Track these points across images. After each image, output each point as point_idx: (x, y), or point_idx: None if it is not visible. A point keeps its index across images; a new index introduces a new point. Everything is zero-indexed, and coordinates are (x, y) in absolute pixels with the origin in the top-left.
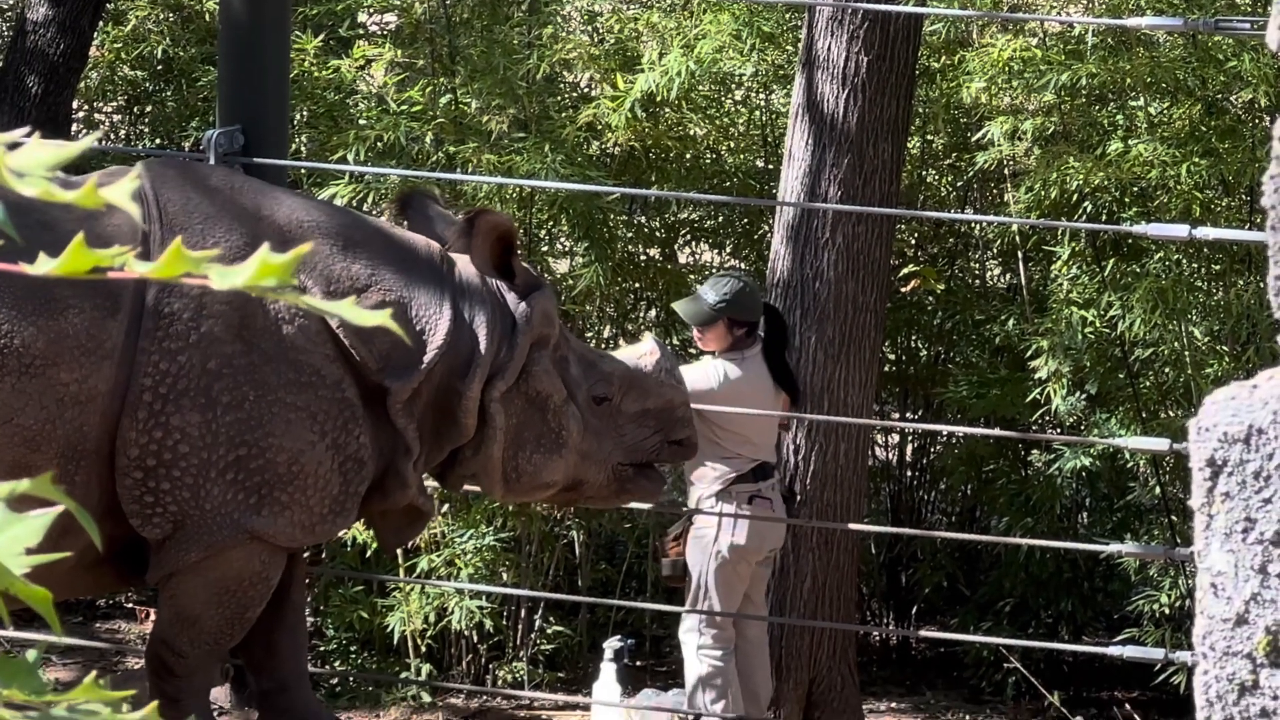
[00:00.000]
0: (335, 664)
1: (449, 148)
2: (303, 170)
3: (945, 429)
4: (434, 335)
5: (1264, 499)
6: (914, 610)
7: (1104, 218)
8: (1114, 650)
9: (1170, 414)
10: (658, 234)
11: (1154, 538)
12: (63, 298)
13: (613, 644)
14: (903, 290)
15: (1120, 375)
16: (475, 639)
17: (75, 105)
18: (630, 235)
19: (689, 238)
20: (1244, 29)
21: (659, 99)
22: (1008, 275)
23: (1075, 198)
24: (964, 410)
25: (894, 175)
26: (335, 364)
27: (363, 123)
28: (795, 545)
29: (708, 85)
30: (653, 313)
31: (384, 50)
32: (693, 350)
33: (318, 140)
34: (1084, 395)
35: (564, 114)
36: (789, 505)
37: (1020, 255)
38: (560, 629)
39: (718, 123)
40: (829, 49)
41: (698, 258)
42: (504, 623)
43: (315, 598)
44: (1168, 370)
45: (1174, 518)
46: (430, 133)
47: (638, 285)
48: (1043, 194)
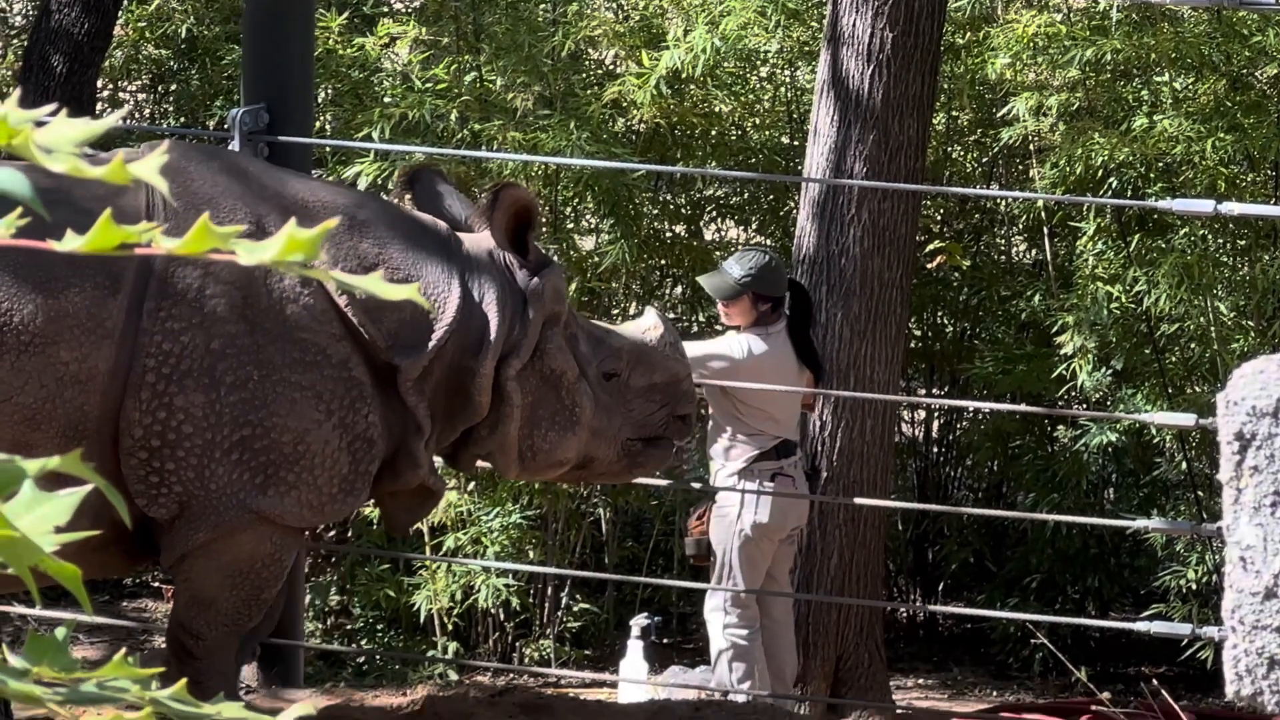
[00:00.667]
0: (362, 642)
1: (474, 125)
2: (327, 148)
3: (971, 405)
4: (443, 313)
5: None
6: (940, 587)
7: (1129, 193)
8: (1141, 626)
9: (1196, 389)
10: (683, 211)
11: (1180, 513)
12: (63, 276)
13: (639, 621)
14: (928, 266)
15: (1146, 351)
16: (502, 617)
17: (100, 84)
18: (656, 212)
19: (714, 214)
20: (1269, 4)
21: (684, 76)
22: (1033, 251)
23: (1100, 173)
24: (990, 386)
25: (919, 151)
26: (342, 343)
27: (387, 100)
28: (822, 522)
29: (733, 62)
30: (679, 289)
31: (408, 28)
32: (718, 326)
33: (342, 118)
34: (1110, 371)
35: (589, 91)
36: (812, 483)
37: (1046, 231)
38: (587, 607)
39: (743, 99)
40: (854, 25)
41: (723, 234)
42: (530, 600)
43: (342, 577)
44: (1193, 345)
45: (1200, 493)
46: (455, 110)
47: (663, 262)
48: (1068, 170)
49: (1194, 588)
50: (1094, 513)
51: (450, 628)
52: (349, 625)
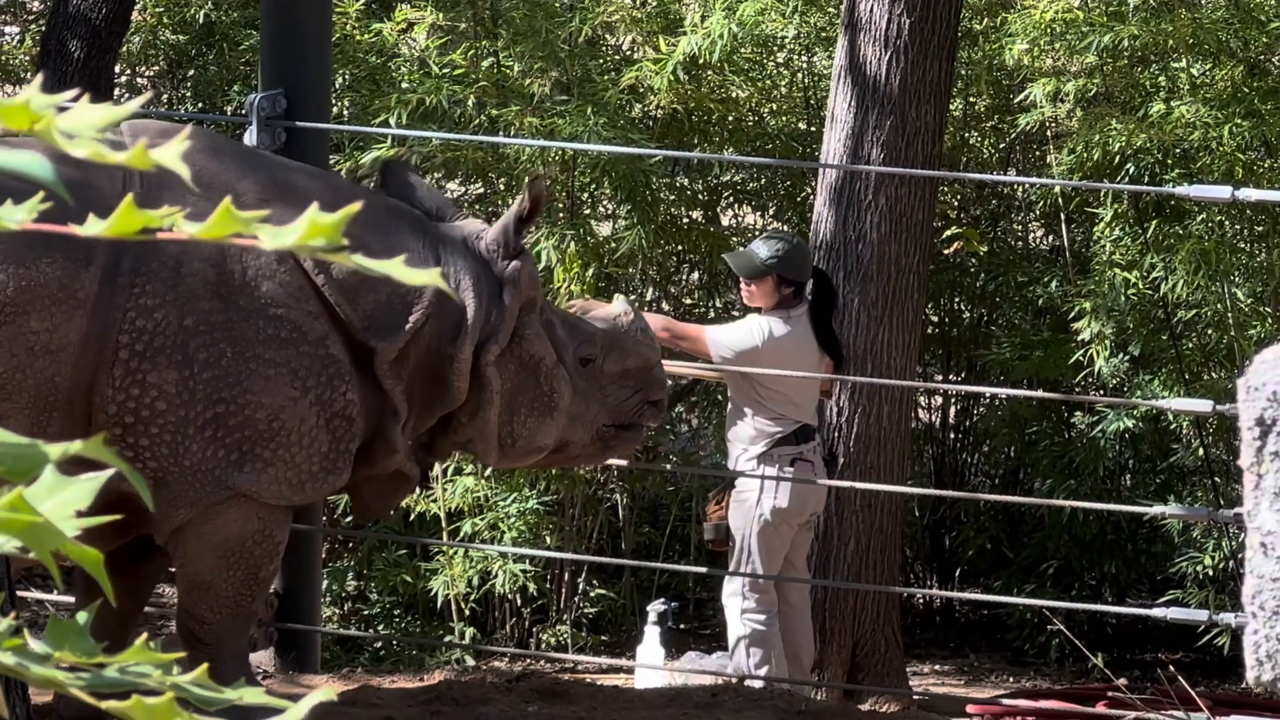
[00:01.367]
0: (379, 628)
1: (491, 111)
2: (345, 134)
3: (988, 391)
4: (419, 296)
5: None
6: (957, 573)
7: (1146, 179)
8: (1158, 612)
9: (1213, 375)
10: (700, 197)
11: (1197, 499)
12: (35, 246)
13: (656, 607)
14: (945, 252)
15: (1163, 337)
16: (519, 602)
17: (117, 70)
18: (673, 198)
19: (731, 200)
20: None
21: (701, 62)
22: (1050, 237)
23: (1118, 159)
24: (1007, 372)
25: (936, 137)
26: (319, 320)
27: (405, 86)
28: (839, 508)
29: (750, 48)
30: (695, 275)
31: (426, 13)
32: (735, 313)
33: (359, 104)
34: (1127, 357)
35: (606, 77)
36: (830, 469)
37: (1063, 217)
38: (604, 592)
39: (760, 85)
40: (871, 11)
41: (740, 220)
42: (547, 586)
43: (359, 562)
44: (1210, 332)
45: (1217, 479)
46: (472, 96)
47: (680, 248)
48: (1085, 156)
49: (1210, 574)
50: (1111, 499)
51: (467, 613)
52: (366, 610)
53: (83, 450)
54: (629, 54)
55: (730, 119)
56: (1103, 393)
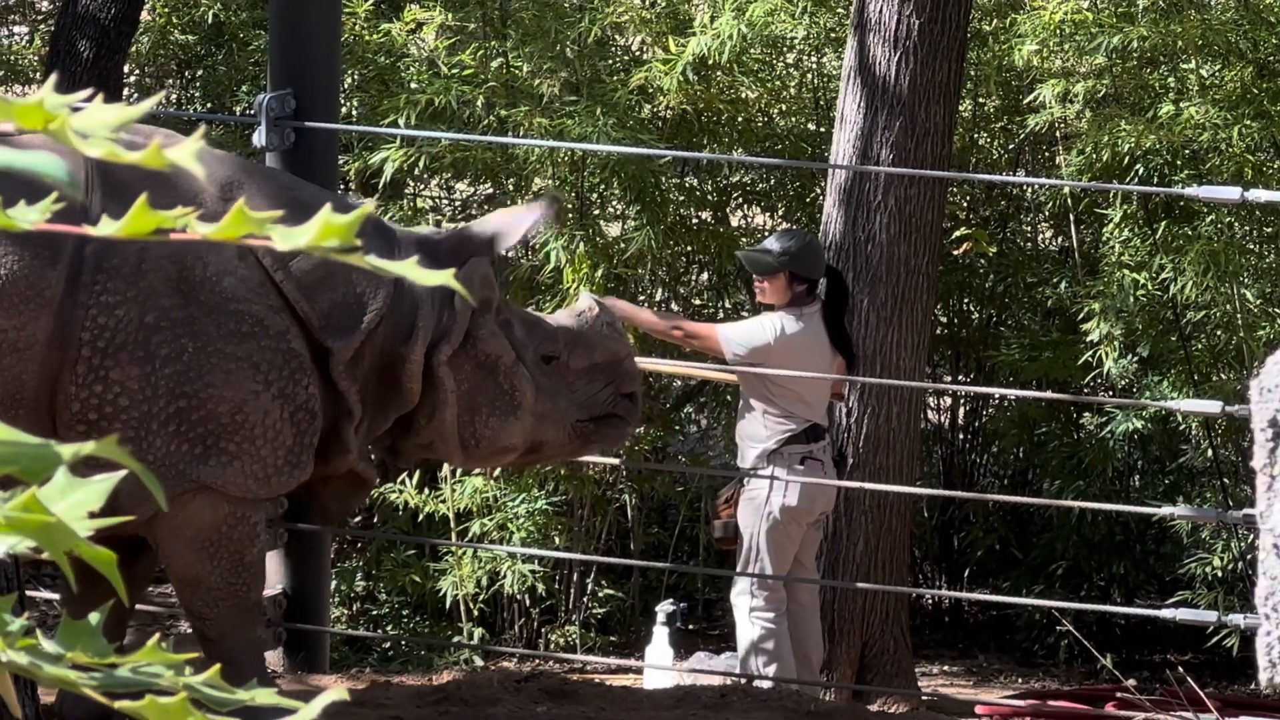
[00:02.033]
0: (388, 628)
1: (500, 111)
2: (353, 134)
3: (997, 392)
4: (374, 297)
5: None
6: (966, 573)
7: (1155, 180)
8: (1166, 613)
9: (1222, 376)
10: (709, 197)
11: (1206, 500)
12: (2, 244)
13: (665, 607)
14: (955, 253)
15: (1172, 338)
16: (527, 603)
17: (126, 70)
18: (682, 198)
19: (741, 201)
20: None
21: (710, 62)
22: (1059, 238)
23: (1127, 160)
24: (1016, 373)
25: (945, 138)
26: (280, 314)
27: (413, 86)
28: (848, 508)
29: (759, 48)
30: (704, 276)
31: (435, 13)
32: (744, 313)
33: (368, 104)
34: (1136, 358)
35: (615, 77)
36: (839, 469)
37: (1072, 218)
38: (612, 593)
39: (769, 86)
40: (880, 11)
41: (749, 221)
42: (556, 586)
43: (368, 562)
44: (1219, 333)
45: (1226, 480)
46: (481, 96)
47: (690, 248)
48: (1094, 157)
49: (1219, 575)
50: (1120, 500)
51: (476, 613)
52: (374, 611)
53: (96, 451)
54: (638, 54)
55: (739, 120)
56: (1112, 394)
